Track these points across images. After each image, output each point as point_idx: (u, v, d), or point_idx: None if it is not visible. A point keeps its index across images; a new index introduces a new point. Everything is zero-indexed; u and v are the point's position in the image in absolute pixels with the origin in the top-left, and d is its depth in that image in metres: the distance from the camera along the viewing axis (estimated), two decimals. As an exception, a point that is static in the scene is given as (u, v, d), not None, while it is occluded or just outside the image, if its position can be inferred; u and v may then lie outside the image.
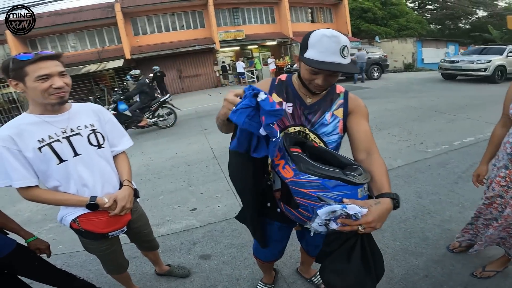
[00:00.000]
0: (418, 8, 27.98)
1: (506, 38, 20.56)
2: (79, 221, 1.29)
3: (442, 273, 1.83)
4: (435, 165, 3.36)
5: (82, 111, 1.35)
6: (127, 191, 1.36)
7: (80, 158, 1.26)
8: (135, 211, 1.51)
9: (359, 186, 0.85)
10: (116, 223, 1.34)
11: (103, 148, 1.35)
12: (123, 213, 1.33)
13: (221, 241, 2.37)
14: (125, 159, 1.49)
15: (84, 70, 13.68)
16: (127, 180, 1.40)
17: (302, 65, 1.04)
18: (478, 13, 26.86)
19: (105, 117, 1.42)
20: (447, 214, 2.41)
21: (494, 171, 1.60)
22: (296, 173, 0.87)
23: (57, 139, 1.21)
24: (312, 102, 1.14)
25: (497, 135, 1.63)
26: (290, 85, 1.17)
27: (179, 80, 16.42)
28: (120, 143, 1.46)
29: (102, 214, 1.29)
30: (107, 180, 1.34)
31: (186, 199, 3.17)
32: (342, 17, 18.30)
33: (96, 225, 1.29)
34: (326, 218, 0.80)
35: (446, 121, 5.14)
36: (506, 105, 1.54)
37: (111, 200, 1.28)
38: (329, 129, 1.12)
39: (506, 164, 1.49)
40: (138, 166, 4.39)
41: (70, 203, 1.26)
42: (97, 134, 1.33)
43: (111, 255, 1.49)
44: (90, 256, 1.51)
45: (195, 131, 6.27)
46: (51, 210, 3.10)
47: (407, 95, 7.96)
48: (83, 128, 1.30)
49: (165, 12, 15.71)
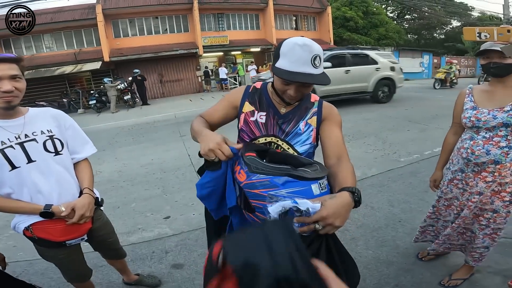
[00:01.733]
0: (397, 18, 29.24)
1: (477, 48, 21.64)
2: (32, 228, 1.25)
3: (412, 281, 1.86)
4: (407, 174, 3.47)
5: (40, 116, 1.30)
6: (87, 199, 1.32)
7: (35, 164, 1.21)
8: (97, 219, 1.48)
9: (313, 181, 0.81)
10: (74, 232, 1.30)
11: (61, 155, 1.30)
12: (82, 221, 1.30)
13: (195, 250, 2.31)
14: (87, 166, 1.45)
15: (59, 71, 13.15)
16: (87, 188, 1.37)
17: (279, 81, 1.02)
18: (452, 23, 28.37)
19: (66, 123, 1.37)
20: (417, 223, 2.44)
21: (449, 175, 1.72)
22: (248, 175, 0.85)
23: (9, 145, 1.16)
24: (287, 111, 1.12)
25: (449, 142, 1.78)
26: (264, 93, 1.16)
27: (160, 85, 16.13)
28: (82, 150, 1.42)
29: (59, 222, 1.26)
30: (65, 188, 1.29)
31: (160, 207, 3.08)
32: (325, 26, 18.76)
33: (51, 233, 1.26)
34: (280, 215, 0.76)
35: (419, 131, 5.35)
36: (456, 114, 1.68)
37: (69, 208, 1.24)
38: (303, 138, 1.11)
39: (462, 168, 1.61)
40: (110, 172, 4.23)
41: (23, 211, 1.22)
42: (54, 141, 1.28)
43: (70, 263, 1.43)
44: (52, 264, 1.44)
45: (173, 137, 6.15)
46: (12, 216, 2.92)
47: (384, 104, 8.23)
48: (39, 134, 1.25)
49: (148, 15, 15.49)
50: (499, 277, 1.81)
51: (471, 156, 1.52)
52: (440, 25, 28.00)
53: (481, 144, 1.48)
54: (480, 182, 1.52)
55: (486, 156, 1.47)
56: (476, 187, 1.54)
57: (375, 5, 23.42)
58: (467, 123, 1.54)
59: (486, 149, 1.46)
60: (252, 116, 1.13)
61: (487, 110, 1.47)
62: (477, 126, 1.50)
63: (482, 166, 1.50)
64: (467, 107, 1.56)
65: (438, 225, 1.87)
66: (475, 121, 1.49)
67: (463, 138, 1.61)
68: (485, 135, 1.48)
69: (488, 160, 1.46)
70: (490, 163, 1.47)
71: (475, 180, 1.55)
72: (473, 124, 1.51)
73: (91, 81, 15.03)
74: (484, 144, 1.47)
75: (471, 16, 26.29)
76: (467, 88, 1.65)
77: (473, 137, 1.53)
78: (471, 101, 1.56)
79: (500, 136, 1.44)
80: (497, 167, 1.46)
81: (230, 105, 1.18)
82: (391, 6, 28.47)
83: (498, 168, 1.46)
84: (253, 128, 1.12)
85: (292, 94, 1.00)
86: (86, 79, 15.15)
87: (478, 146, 1.49)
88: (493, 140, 1.45)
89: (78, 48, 14.79)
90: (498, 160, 1.44)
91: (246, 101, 1.15)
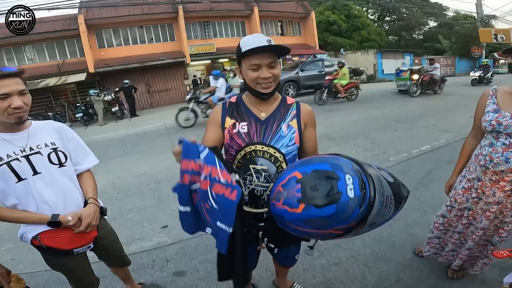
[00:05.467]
0: (378, 20, 30.05)
1: (455, 47, 22.36)
2: (40, 237, 1.26)
3: (412, 277, 1.91)
4: (396, 173, 3.49)
5: (43, 129, 1.33)
6: (92, 208, 1.35)
7: (40, 176, 1.24)
8: (102, 228, 1.50)
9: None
10: (81, 240, 1.33)
11: (65, 167, 1.33)
12: (89, 230, 1.33)
13: (196, 257, 2.32)
14: (90, 177, 1.48)
15: (43, 84, 12.83)
16: (92, 198, 1.40)
17: (244, 71, 1.11)
18: (429, 24, 29.32)
19: (67, 135, 1.40)
20: (410, 220, 2.55)
21: (464, 183, 1.61)
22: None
23: (15, 158, 1.19)
24: (267, 116, 1.17)
25: (468, 146, 1.65)
26: (241, 104, 1.21)
27: (148, 95, 15.96)
28: (84, 161, 1.46)
29: (66, 231, 1.28)
30: (70, 198, 1.32)
31: (157, 217, 3.07)
32: (310, 30, 19.09)
33: (59, 242, 1.28)
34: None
35: (405, 130, 5.52)
36: (478, 117, 1.53)
37: (75, 217, 1.27)
38: (286, 141, 1.16)
39: (479, 176, 1.50)
40: (103, 185, 4.17)
41: (31, 220, 1.24)
42: (58, 153, 1.31)
43: (79, 272, 1.44)
44: (53, 275, 1.41)
45: (165, 147, 6.11)
46: (7, 230, 2.89)
47: (370, 105, 8.45)
48: (43, 147, 1.27)
49: (133, 24, 15.38)
50: (496, 269, 1.84)
51: (489, 164, 1.42)
52: (418, 26, 28.89)
53: (500, 152, 1.38)
54: (498, 192, 1.43)
55: (505, 165, 1.37)
56: (494, 196, 1.45)
57: (356, 8, 24.03)
58: (487, 127, 1.42)
59: (505, 157, 1.37)
60: (234, 128, 1.16)
61: (510, 114, 1.35)
62: (497, 131, 1.39)
63: (500, 175, 1.41)
64: (489, 110, 1.44)
65: (446, 236, 1.78)
66: (495, 125, 1.38)
67: (482, 145, 1.51)
68: (504, 142, 1.38)
69: (507, 168, 1.37)
70: (509, 171, 1.37)
71: (492, 189, 1.45)
72: (493, 128, 1.39)
73: (77, 93, 14.74)
74: (503, 151, 1.37)
75: (446, 16, 27.27)
76: (491, 89, 1.50)
77: (493, 143, 1.42)
78: (493, 103, 1.44)
79: None
80: None
81: (216, 127, 1.19)
82: (372, 9, 29.30)
83: None
84: (237, 140, 1.15)
85: (265, 75, 1.07)
86: (71, 91, 14.85)
87: (497, 153, 1.39)
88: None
89: (61, 59, 14.50)
90: None
91: (227, 116, 1.18)
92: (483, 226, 1.52)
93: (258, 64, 1.06)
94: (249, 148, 1.15)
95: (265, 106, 1.19)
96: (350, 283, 1.92)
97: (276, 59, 1.09)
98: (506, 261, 1.70)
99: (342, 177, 0.79)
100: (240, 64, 1.13)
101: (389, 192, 0.89)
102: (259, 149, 1.15)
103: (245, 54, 1.06)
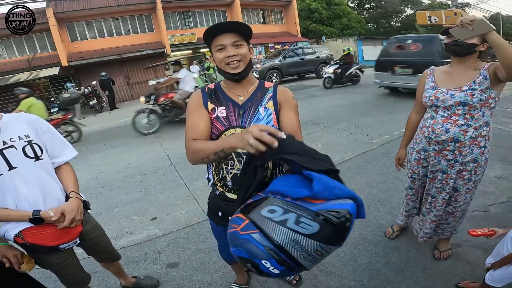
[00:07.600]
0: (358, 8, 30.19)
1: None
2: (23, 235, 1.21)
3: (400, 258, 1.97)
4: (380, 155, 3.69)
5: (15, 122, 1.26)
6: (75, 203, 1.30)
7: (16, 171, 1.18)
8: (87, 222, 1.46)
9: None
10: (66, 235, 1.29)
11: (42, 160, 1.26)
12: (73, 225, 1.28)
13: (188, 248, 2.31)
14: (70, 170, 1.42)
15: (13, 79, 12.16)
16: (74, 191, 1.35)
17: (214, 55, 1.13)
18: (406, 11, 29.73)
19: (42, 127, 1.33)
20: (395, 201, 2.63)
21: (414, 154, 1.80)
22: None
23: None
24: (244, 100, 1.17)
25: (412, 121, 1.85)
26: (219, 90, 1.20)
27: (127, 87, 15.47)
28: (62, 154, 1.39)
29: (49, 227, 1.24)
30: (50, 193, 1.27)
31: (145, 209, 3.03)
32: (291, 18, 19.01)
33: (43, 239, 1.24)
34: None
35: (386, 114, 5.68)
36: (419, 94, 1.74)
37: (58, 213, 1.22)
38: (264, 123, 1.15)
39: (425, 147, 1.70)
40: (86, 180, 4.05)
41: (11, 218, 1.19)
42: (33, 146, 1.25)
43: (67, 268, 1.41)
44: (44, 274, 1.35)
45: (148, 139, 5.98)
46: None
47: (353, 91, 8.58)
48: (17, 140, 1.21)
49: (107, 16, 14.75)
50: (480, 250, 1.93)
51: (432, 134, 1.60)
52: (395, 13, 29.35)
53: (441, 123, 1.56)
54: (442, 160, 1.61)
55: (445, 134, 1.55)
56: (439, 165, 1.64)
57: (336, -5, 24.10)
58: (427, 102, 1.62)
59: (445, 127, 1.54)
60: (214, 113, 1.15)
61: (446, 90, 1.54)
62: (436, 105, 1.58)
63: (442, 144, 1.58)
64: (428, 87, 1.64)
65: (416, 186, 1.91)
66: (434, 100, 1.58)
67: (425, 118, 1.70)
68: (443, 114, 1.56)
69: (448, 138, 1.55)
70: (450, 141, 1.55)
71: (436, 158, 1.64)
72: (432, 103, 1.59)
73: (50, 88, 14.08)
74: (443, 122, 1.55)
75: (422, 3, 27.86)
76: (429, 69, 1.72)
77: (433, 116, 1.61)
78: (431, 81, 1.64)
79: (458, 114, 1.52)
80: (456, 145, 1.54)
81: (202, 110, 1.17)
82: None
83: (457, 146, 1.54)
84: (216, 124, 1.15)
85: (230, 53, 1.08)
86: (44, 86, 14.14)
87: (438, 124, 1.57)
88: (452, 119, 1.53)
89: (31, 54, 13.75)
90: (457, 138, 1.52)
91: (208, 101, 1.18)
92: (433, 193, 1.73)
93: (222, 44, 1.08)
94: (228, 132, 1.14)
95: (241, 90, 1.18)
96: (343, 266, 1.96)
97: (241, 39, 1.09)
98: (489, 242, 1.65)
99: (259, 263, 0.78)
100: (212, 52, 1.14)
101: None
102: (239, 132, 1.14)
103: (210, 39, 1.10)
